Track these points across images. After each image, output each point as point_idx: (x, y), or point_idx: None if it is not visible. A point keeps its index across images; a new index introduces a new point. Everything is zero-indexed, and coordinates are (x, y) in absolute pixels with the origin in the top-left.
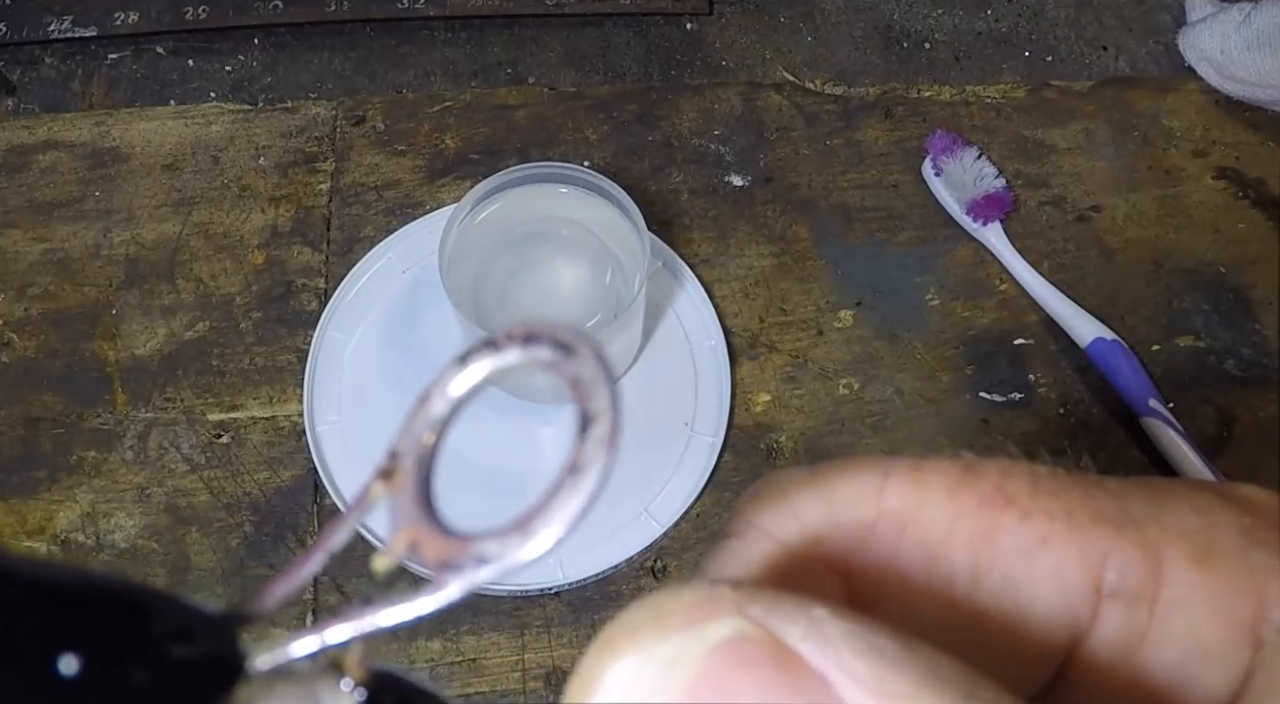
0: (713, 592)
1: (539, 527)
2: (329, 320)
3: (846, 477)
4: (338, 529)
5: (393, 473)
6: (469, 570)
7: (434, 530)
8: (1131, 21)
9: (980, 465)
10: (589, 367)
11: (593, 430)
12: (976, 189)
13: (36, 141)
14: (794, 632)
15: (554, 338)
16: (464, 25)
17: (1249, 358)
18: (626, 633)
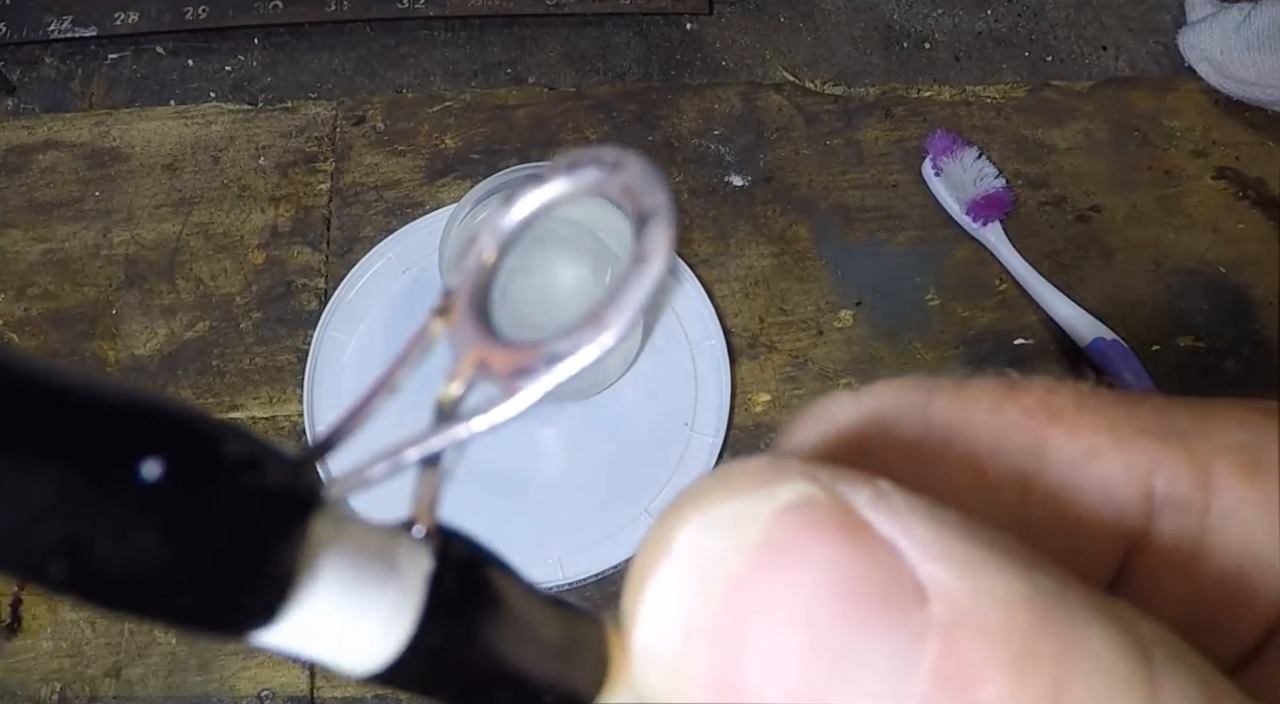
0: (779, 459)
1: (610, 317)
2: (329, 320)
3: (892, 393)
4: (399, 368)
5: (448, 308)
6: (543, 371)
7: (499, 346)
8: (1131, 21)
9: (1024, 382)
10: (636, 173)
11: (651, 224)
12: (976, 189)
13: (36, 141)
14: (861, 499)
15: (598, 159)
16: (464, 25)
17: (1249, 358)
18: (693, 499)
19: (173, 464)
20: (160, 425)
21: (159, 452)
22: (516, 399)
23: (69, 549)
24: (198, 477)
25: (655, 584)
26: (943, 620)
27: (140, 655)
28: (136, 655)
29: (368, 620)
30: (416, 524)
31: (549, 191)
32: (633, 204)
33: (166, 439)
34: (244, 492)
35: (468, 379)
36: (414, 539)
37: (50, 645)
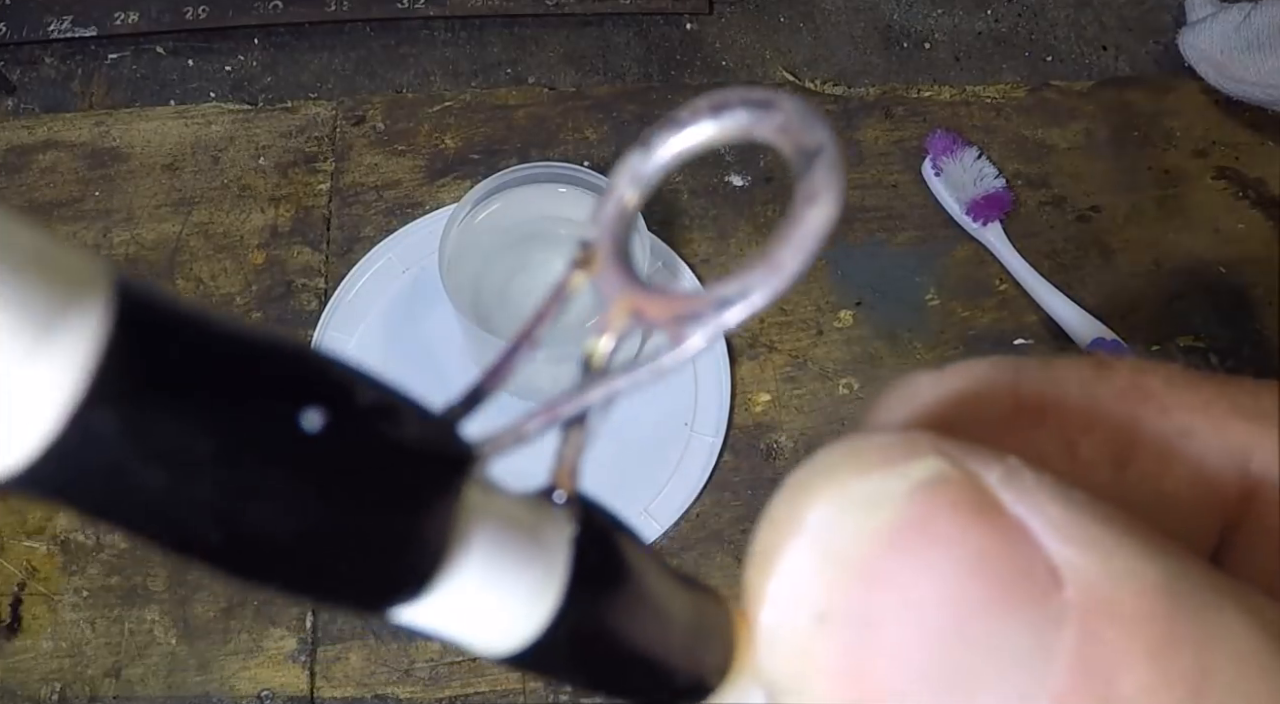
0: (909, 433)
1: (784, 257)
2: (329, 320)
3: (979, 372)
4: (539, 322)
5: (589, 258)
6: (711, 316)
7: (653, 293)
8: (1131, 21)
9: (1112, 361)
10: (792, 111)
11: (818, 160)
12: (976, 189)
13: (36, 141)
14: (993, 477)
15: (745, 99)
16: (464, 25)
17: (1249, 358)
18: (823, 473)
19: (335, 415)
20: (320, 373)
21: (320, 401)
22: (686, 345)
23: (225, 512)
24: (358, 428)
25: (785, 563)
26: (1079, 605)
27: (140, 655)
28: (136, 655)
29: (512, 596)
30: (557, 490)
31: (693, 136)
32: (793, 143)
33: (327, 388)
34: (402, 445)
35: (620, 329)
36: (556, 507)
37: (50, 645)
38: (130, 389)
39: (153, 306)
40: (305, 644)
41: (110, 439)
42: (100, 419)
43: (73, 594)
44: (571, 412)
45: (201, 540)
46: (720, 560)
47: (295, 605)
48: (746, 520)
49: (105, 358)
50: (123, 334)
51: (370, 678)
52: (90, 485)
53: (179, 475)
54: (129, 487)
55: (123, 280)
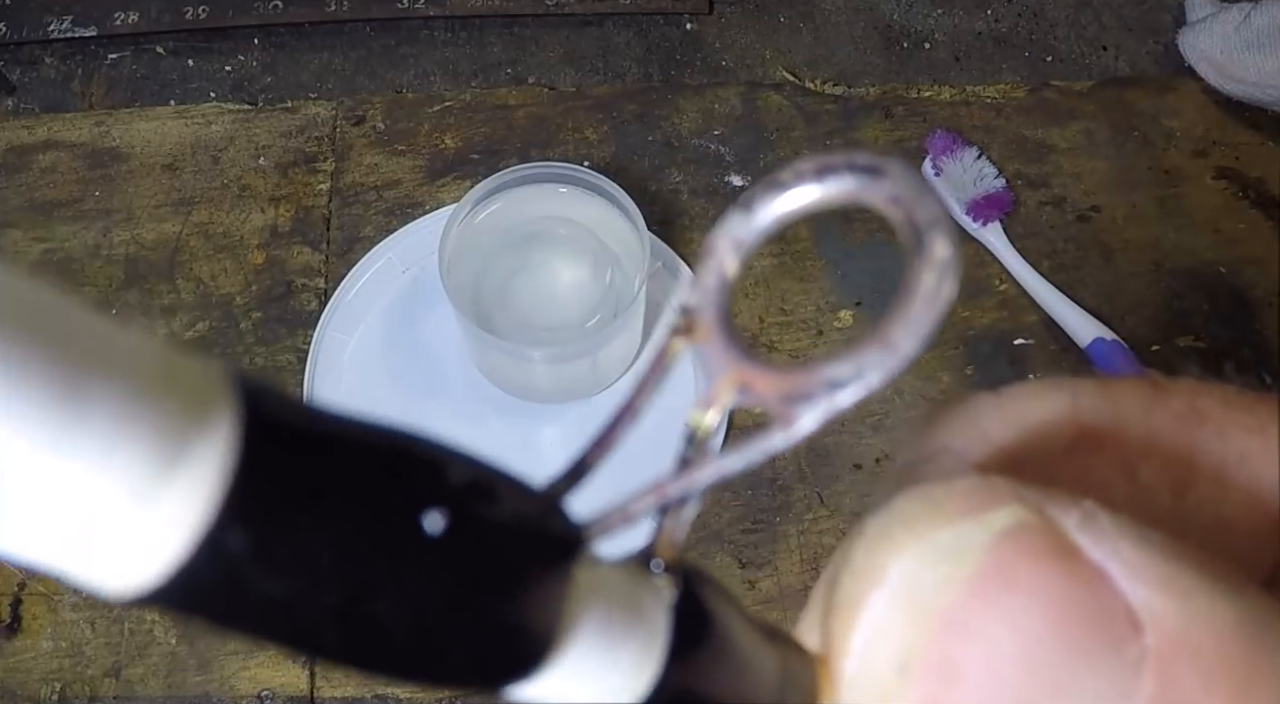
0: (988, 480)
1: (899, 338)
2: (329, 320)
3: (1037, 398)
4: (642, 394)
5: (692, 326)
6: (823, 397)
7: (761, 368)
8: (1131, 21)
9: (1169, 384)
10: (903, 182)
11: (932, 235)
12: (976, 189)
13: (36, 141)
14: (1070, 522)
15: (852, 164)
16: (464, 25)
17: (1249, 358)
18: (904, 523)
19: (455, 515)
20: (438, 472)
21: (440, 502)
22: (797, 426)
23: (345, 613)
24: (477, 527)
25: (867, 614)
26: (1159, 649)
27: (140, 655)
28: (136, 655)
29: (616, 669)
30: (656, 560)
31: (796, 199)
32: (903, 216)
33: (446, 487)
34: (517, 535)
35: (727, 404)
36: (655, 577)
37: (50, 645)
38: (258, 510)
39: (275, 420)
40: None
41: (237, 557)
42: (229, 540)
43: (73, 594)
44: (679, 493)
45: (318, 639)
46: (720, 560)
47: None
48: (746, 520)
49: (234, 480)
50: (249, 454)
51: None
52: (214, 599)
53: (301, 584)
54: (251, 597)
55: (245, 390)
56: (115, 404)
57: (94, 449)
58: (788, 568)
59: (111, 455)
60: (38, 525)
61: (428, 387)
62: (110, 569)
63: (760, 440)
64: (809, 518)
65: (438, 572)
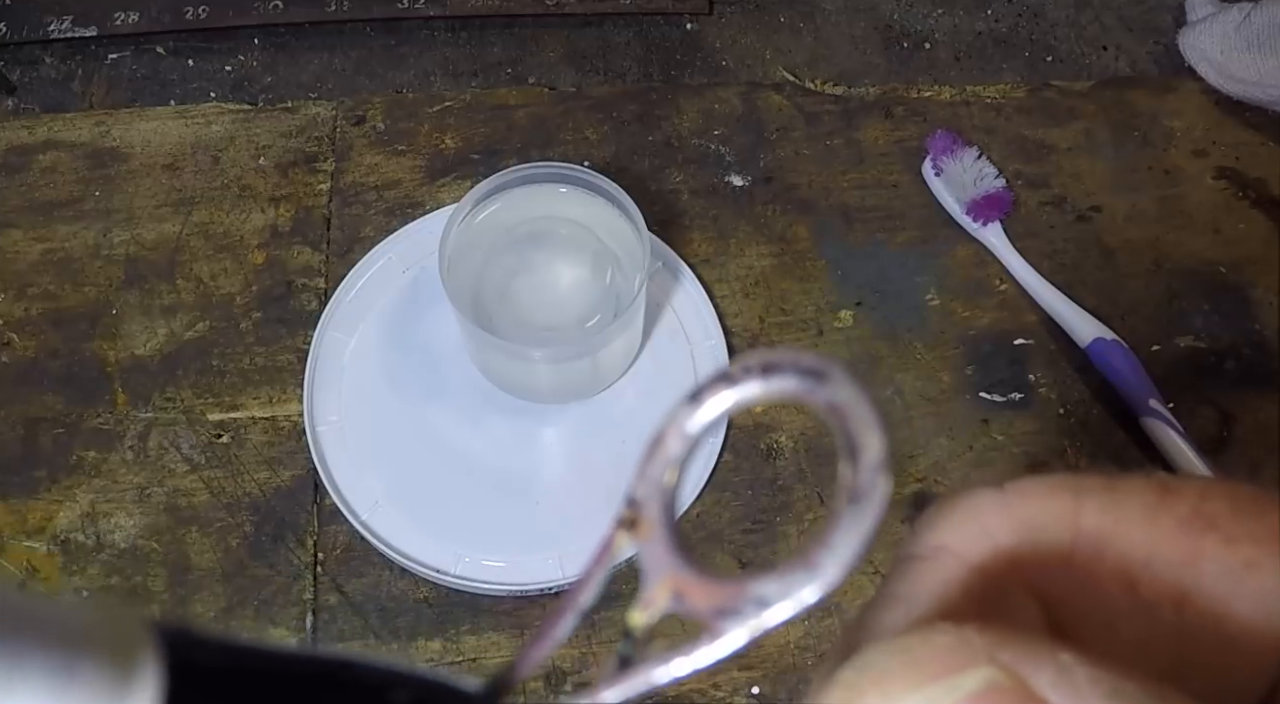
0: (962, 637)
1: (824, 560)
2: (329, 320)
3: (1040, 497)
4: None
5: (637, 522)
6: (750, 614)
7: (698, 577)
8: (1131, 21)
9: (1177, 485)
10: (845, 391)
11: (864, 457)
12: (976, 189)
13: (36, 141)
14: (1043, 679)
15: (797, 366)
16: (464, 25)
17: (1249, 358)
18: (874, 681)
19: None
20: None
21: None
22: (721, 642)
23: None
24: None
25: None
26: None
27: None
28: None
29: None
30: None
31: (740, 394)
32: (840, 425)
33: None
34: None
35: (661, 609)
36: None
37: None
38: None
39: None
40: (305, 644)
41: None
42: None
43: (73, 594)
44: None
45: None
46: (720, 560)
47: (295, 605)
48: (746, 520)
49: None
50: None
51: None
52: None
53: None
54: None
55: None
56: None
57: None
58: None
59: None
60: None
61: (428, 387)
62: None
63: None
64: (809, 518)
65: None
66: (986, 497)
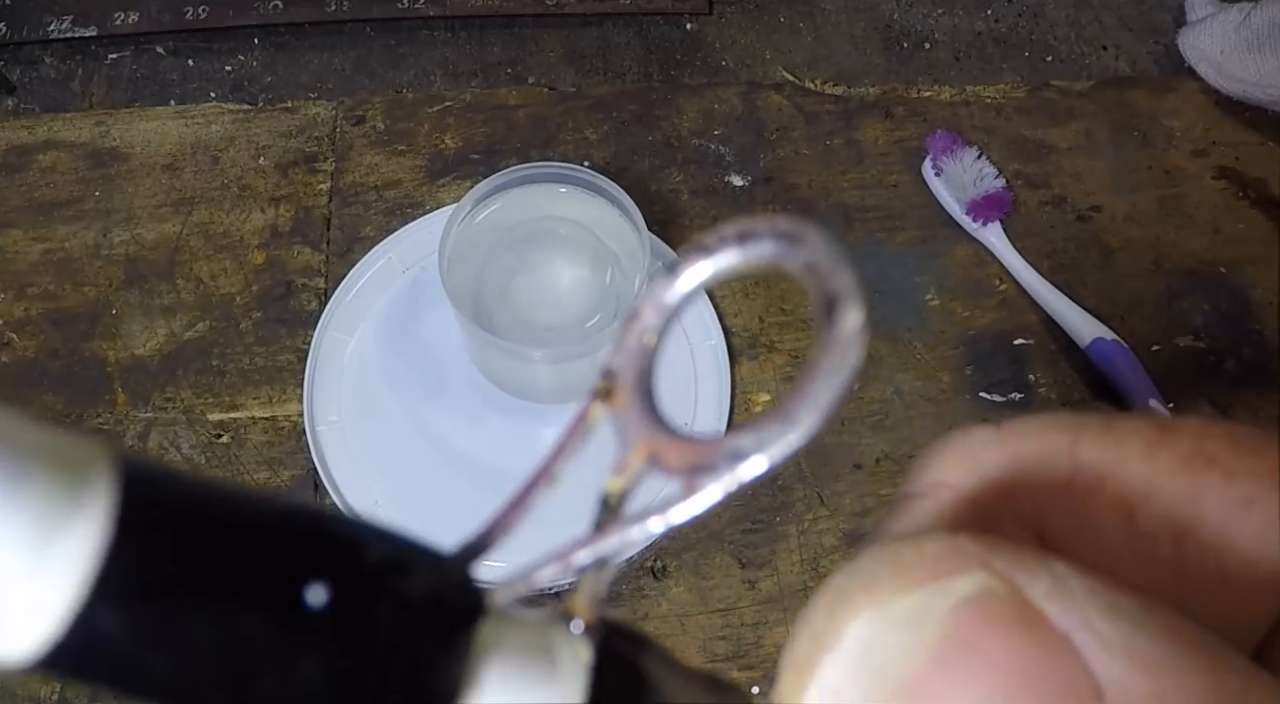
0: (955, 543)
1: (799, 411)
2: (329, 320)
3: (1037, 433)
4: (560, 454)
5: (611, 391)
6: (725, 468)
7: (673, 439)
8: (1131, 21)
9: (1176, 424)
10: (820, 250)
11: (840, 310)
12: (976, 189)
13: (36, 141)
14: (1039, 589)
15: (773, 231)
16: (464, 25)
17: (1249, 358)
18: (864, 586)
19: (337, 587)
20: (321, 545)
21: (322, 575)
22: (698, 498)
23: (233, 685)
24: (362, 596)
25: (822, 676)
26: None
27: None
28: None
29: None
30: (576, 619)
31: (717, 264)
32: (816, 284)
33: (328, 560)
34: (407, 606)
35: (637, 473)
36: (574, 635)
37: None
38: (130, 590)
39: (153, 497)
40: None
41: (113, 634)
42: (102, 618)
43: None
44: (586, 561)
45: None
46: (720, 560)
47: None
48: (746, 520)
49: (106, 560)
50: (123, 534)
51: None
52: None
53: (183, 660)
54: (136, 670)
55: (125, 469)
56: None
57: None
58: (788, 568)
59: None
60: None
61: (428, 387)
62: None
63: (667, 511)
64: (809, 518)
65: (325, 642)
66: (983, 433)
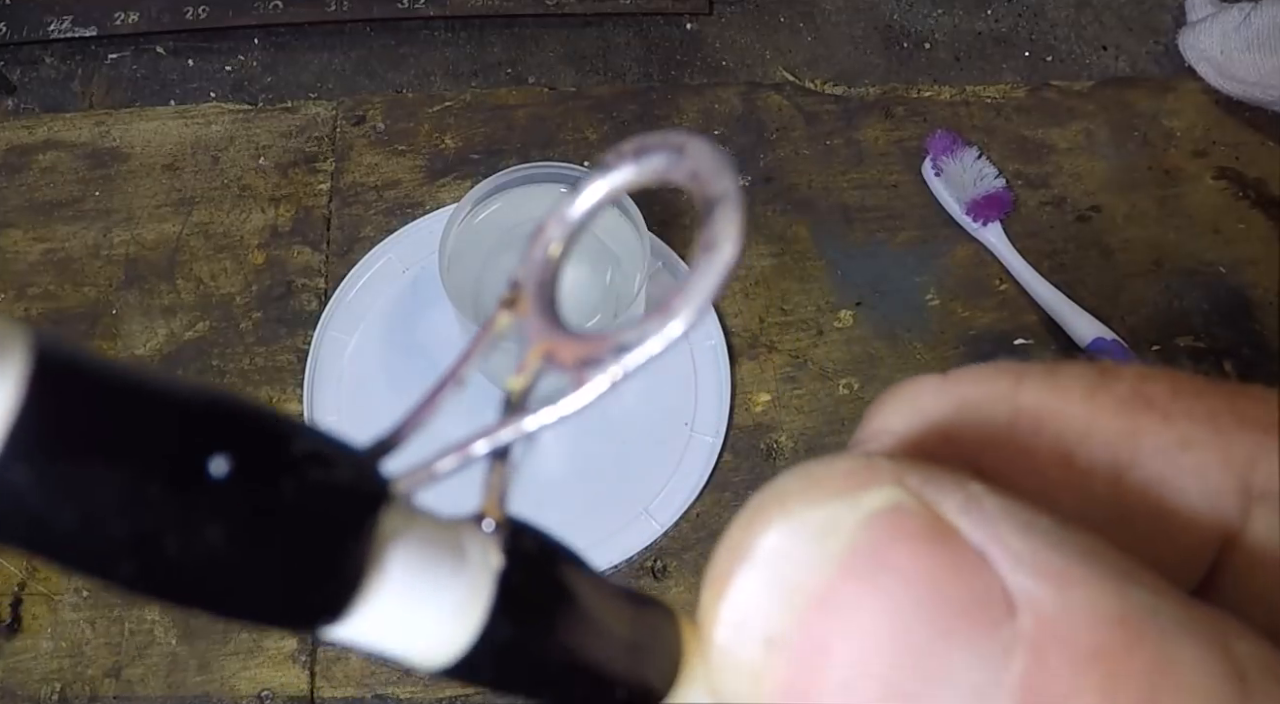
0: (868, 460)
1: (678, 305)
2: (329, 320)
3: (980, 380)
4: (466, 360)
5: (516, 300)
6: (610, 362)
7: (567, 337)
8: (1131, 21)
9: (1117, 368)
10: (704, 158)
11: (719, 209)
12: (976, 189)
13: (36, 141)
14: (951, 504)
15: (665, 144)
16: (464, 25)
17: (1249, 358)
18: (776, 500)
19: (240, 461)
20: (227, 422)
21: (226, 449)
22: (584, 390)
23: (137, 547)
24: (265, 473)
25: (736, 588)
26: (1031, 635)
27: (140, 655)
28: (136, 655)
29: (437, 614)
30: (486, 517)
31: (615, 179)
32: (700, 190)
33: (234, 436)
34: (312, 487)
35: (534, 371)
36: (483, 532)
37: (50, 645)
38: (40, 447)
39: (65, 368)
40: (305, 644)
41: (25, 488)
42: (15, 471)
43: (73, 594)
44: (484, 450)
45: (116, 570)
46: None
47: None
48: None
49: (19, 417)
50: (35, 395)
51: (370, 678)
52: (9, 525)
53: (90, 518)
54: (44, 526)
55: (41, 341)
56: None
57: None
58: None
59: None
60: None
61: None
62: None
63: (557, 403)
64: None
65: (227, 514)
66: (927, 381)
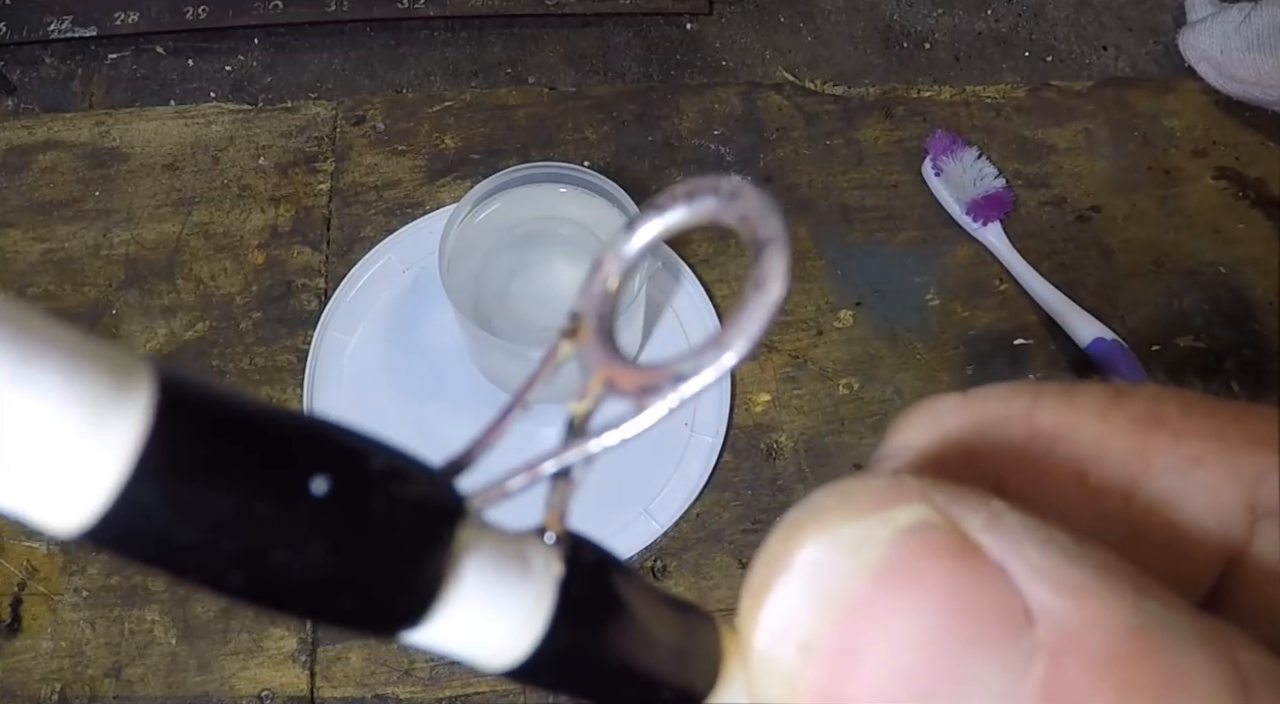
0: (898, 479)
1: (731, 339)
2: (329, 320)
3: (998, 399)
4: (531, 386)
5: (576, 329)
6: (669, 389)
7: (627, 366)
8: (1131, 21)
9: (1131, 389)
10: (753, 202)
11: (768, 251)
12: (976, 189)
13: (36, 141)
14: (975, 522)
15: (715, 189)
16: (464, 25)
17: (1249, 358)
18: (814, 516)
19: (337, 479)
20: (324, 443)
21: (325, 469)
22: (645, 415)
23: (247, 559)
24: (358, 490)
25: (775, 597)
26: (1050, 644)
27: (140, 655)
28: (136, 655)
29: (504, 621)
30: (548, 531)
31: (668, 220)
32: (750, 232)
33: (330, 456)
34: (398, 502)
35: (596, 396)
36: (546, 545)
37: (50, 645)
38: (168, 467)
39: (187, 396)
40: (305, 644)
41: (152, 507)
42: (144, 492)
43: (73, 594)
44: (551, 470)
45: (226, 581)
46: (720, 560)
47: None
48: (746, 520)
49: (148, 442)
50: (162, 421)
51: (370, 678)
52: (136, 541)
53: (207, 532)
54: (166, 541)
55: (163, 372)
56: (56, 369)
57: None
58: None
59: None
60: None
61: (428, 387)
62: (48, 510)
63: (619, 428)
64: None
65: (326, 529)
66: (948, 400)
